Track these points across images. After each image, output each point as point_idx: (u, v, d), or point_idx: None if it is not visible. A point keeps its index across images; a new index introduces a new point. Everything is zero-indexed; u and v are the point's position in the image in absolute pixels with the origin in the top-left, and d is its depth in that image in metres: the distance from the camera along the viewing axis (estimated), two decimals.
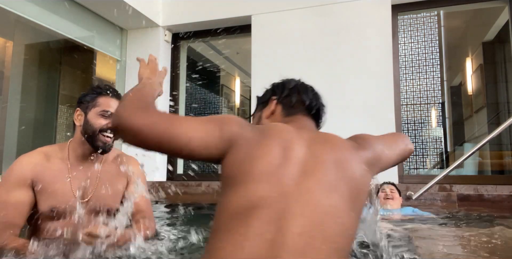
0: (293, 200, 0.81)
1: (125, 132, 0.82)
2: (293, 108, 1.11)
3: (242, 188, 0.81)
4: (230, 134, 0.86)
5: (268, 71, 3.62)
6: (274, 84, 1.23)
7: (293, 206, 0.80)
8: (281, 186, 0.82)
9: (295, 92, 1.14)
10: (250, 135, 0.87)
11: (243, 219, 0.78)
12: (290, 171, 0.84)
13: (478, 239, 1.82)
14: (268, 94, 1.20)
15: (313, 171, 0.86)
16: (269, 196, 0.80)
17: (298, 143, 0.90)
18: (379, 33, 3.36)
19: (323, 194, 0.83)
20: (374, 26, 3.38)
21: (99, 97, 1.47)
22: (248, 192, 0.80)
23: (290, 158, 0.86)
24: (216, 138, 0.85)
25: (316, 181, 0.84)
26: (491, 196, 2.88)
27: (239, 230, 0.77)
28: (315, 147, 0.91)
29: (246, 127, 0.90)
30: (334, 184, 0.86)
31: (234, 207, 0.80)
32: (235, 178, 0.83)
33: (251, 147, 0.85)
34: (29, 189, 1.37)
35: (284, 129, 0.94)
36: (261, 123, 1.14)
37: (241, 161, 0.84)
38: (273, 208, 0.79)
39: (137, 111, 0.83)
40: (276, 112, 1.13)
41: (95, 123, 1.44)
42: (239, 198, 0.80)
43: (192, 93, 5.30)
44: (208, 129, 0.85)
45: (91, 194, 1.46)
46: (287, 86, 1.18)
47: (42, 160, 1.43)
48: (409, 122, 3.89)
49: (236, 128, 0.87)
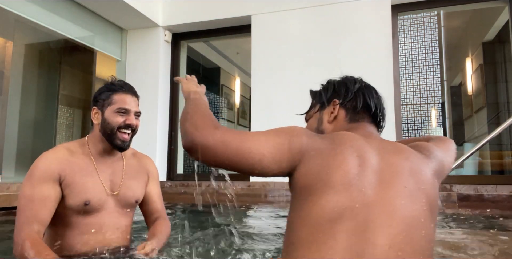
0: (377, 211, 0.78)
1: (201, 150, 0.80)
2: (358, 114, 1.04)
3: (323, 199, 0.78)
4: (300, 146, 0.83)
5: (268, 71, 3.62)
6: (335, 83, 1.11)
7: (378, 217, 0.78)
8: (363, 196, 0.79)
9: (360, 96, 1.05)
10: (320, 145, 0.85)
11: (328, 231, 0.75)
12: (369, 181, 0.81)
13: (479, 239, 1.82)
14: (329, 94, 1.09)
15: (390, 181, 0.83)
16: (353, 206, 0.77)
17: (370, 151, 0.87)
18: (379, 33, 3.36)
19: (405, 205, 0.81)
20: (374, 26, 3.38)
21: (114, 95, 1.47)
22: (330, 203, 0.77)
23: (366, 167, 0.83)
24: (286, 151, 0.82)
25: (396, 192, 0.82)
26: (491, 196, 2.88)
27: (326, 242, 0.75)
28: (387, 156, 0.88)
29: (314, 137, 0.87)
30: (414, 194, 0.83)
31: (316, 219, 0.77)
32: (311, 188, 0.80)
33: (324, 157, 0.83)
34: (55, 183, 1.35)
35: (354, 137, 0.90)
36: (323, 127, 1.07)
37: (317, 172, 0.81)
38: (357, 219, 0.77)
39: (209, 129, 0.82)
40: (339, 117, 1.05)
41: (112, 121, 1.44)
42: (321, 209, 0.77)
43: None
44: (277, 144, 0.82)
45: (120, 187, 1.47)
46: (351, 88, 1.07)
47: (66, 155, 1.42)
48: (409, 122, 3.89)
49: (305, 139, 0.84)
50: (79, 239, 1.37)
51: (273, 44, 3.66)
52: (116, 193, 1.46)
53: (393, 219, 0.79)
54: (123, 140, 1.46)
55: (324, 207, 0.77)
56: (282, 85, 3.53)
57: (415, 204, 0.83)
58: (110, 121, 1.45)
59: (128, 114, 1.47)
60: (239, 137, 0.82)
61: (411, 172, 0.86)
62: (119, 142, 1.45)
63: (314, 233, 0.76)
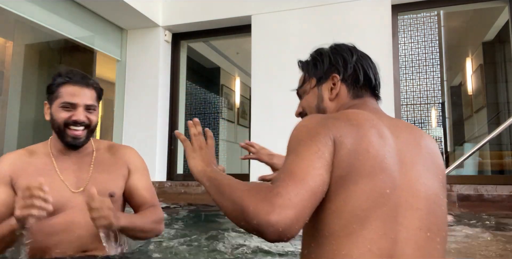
0: (405, 193, 0.78)
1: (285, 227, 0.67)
2: (360, 88, 0.98)
3: (358, 188, 0.75)
4: (331, 148, 0.77)
5: (268, 71, 3.62)
6: (329, 55, 1.02)
7: (406, 200, 0.78)
8: (392, 180, 0.78)
9: (360, 69, 0.98)
10: (343, 130, 0.79)
11: (363, 221, 0.74)
12: (394, 162, 0.80)
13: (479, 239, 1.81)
14: (325, 66, 1.01)
15: (410, 161, 0.83)
16: (384, 192, 0.76)
17: (386, 130, 0.84)
18: (379, 33, 3.36)
19: (427, 184, 0.82)
20: (374, 26, 3.38)
21: (60, 87, 1.32)
22: (364, 192, 0.75)
23: (389, 148, 0.81)
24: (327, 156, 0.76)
25: (417, 171, 0.82)
26: (491, 196, 2.88)
27: (362, 233, 0.73)
28: (402, 134, 0.86)
29: (332, 121, 0.81)
30: (431, 172, 0.84)
31: (351, 210, 0.74)
32: (344, 179, 0.76)
33: (351, 142, 0.78)
34: (7, 187, 1.29)
35: (368, 116, 0.85)
36: (324, 105, 1.00)
37: (347, 160, 0.76)
38: (389, 204, 0.76)
39: (263, 206, 0.68)
40: (341, 94, 0.98)
41: (58, 118, 1.32)
42: (356, 200, 0.74)
43: (192, 93, 5.30)
44: (317, 157, 0.75)
45: (88, 183, 1.36)
46: (350, 60, 0.98)
47: (24, 156, 1.36)
48: (409, 122, 3.89)
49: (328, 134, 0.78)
50: (51, 241, 1.29)
51: (273, 44, 3.66)
52: (81, 189, 1.34)
53: (419, 200, 0.79)
54: (74, 137, 1.33)
55: (359, 197, 0.74)
56: (282, 85, 3.53)
57: (434, 182, 0.84)
58: (56, 118, 1.33)
59: (75, 108, 1.32)
60: (294, 180, 0.71)
61: (425, 148, 0.87)
62: (69, 139, 1.34)
63: (349, 224, 0.74)
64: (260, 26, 3.71)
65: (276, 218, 0.66)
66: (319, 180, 0.73)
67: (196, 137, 1.01)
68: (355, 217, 0.74)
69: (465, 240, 1.79)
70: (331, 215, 0.75)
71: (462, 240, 1.79)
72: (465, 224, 2.26)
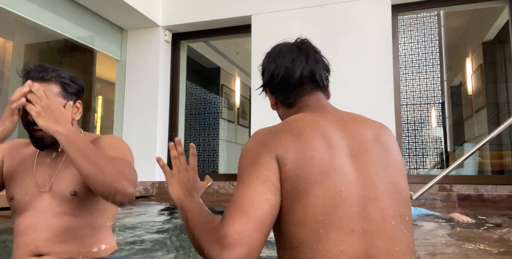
0: (361, 187, 0.80)
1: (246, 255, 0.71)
2: (292, 90, 0.97)
3: (311, 196, 0.76)
4: (276, 167, 0.79)
5: None
6: (261, 65, 1.06)
7: (364, 193, 0.79)
8: (344, 178, 0.79)
9: (276, 73, 0.97)
10: (286, 143, 0.81)
11: (327, 225, 0.75)
12: (342, 159, 0.81)
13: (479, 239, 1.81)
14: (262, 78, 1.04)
15: (360, 153, 0.84)
16: (340, 192, 0.77)
17: (331, 128, 0.85)
18: (379, 33, 3.36)
19: (380, 173, 0.83)
20: (374, 26, 3.39)
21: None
22: (320, 198, 0.76)
23: (335, 146, 0.82)
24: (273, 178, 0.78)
25: (368, 162, 0.83)
26: (491, 196, 2.88)
27: (330, 236, 0.75)
28: (349, 128, 0.87)
29: (274, 136, 0.83)
30: (383, 160, 0.85)
31: (312, 217, 0.76)
32: (296, 190, 0.77)
33: (294, 152, 0.80)
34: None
35: (309, 119, 0.87)
36: (278, 113, 1.08)
37: (295, 171, 0.78)
38: (348, 201, 0.77)
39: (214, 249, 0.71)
40: (279, 102, 1.02)
41: (21, 119, 1.22)
42: (314, 207, 0.76)
43: (192, 93, 5.30)
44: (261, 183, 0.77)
45: (52, 184, 1.25)
46: (268, 68, 1.00)
47: (21, 145, 1.35)
48: (409, 122, 3.89)
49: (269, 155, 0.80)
50: (15, 241, 1.23)
51: (273, 44, 3.64)
52: (45, 189, 1.24)
53: (376, 191, 0.80)
54: (37, 138, 1.22)
55: (316, 204, 0.76)
56: None
57: (388, 169, 0.84)
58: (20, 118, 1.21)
59: None
60: (239, 214, 0.73)
61: (374, 138, 0.88)
62: (33, 140, 1.24)
63: (315, 231, 0.76)
64: (260, 26, 3.72)
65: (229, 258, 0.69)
66: (266, 206, 0.74)
67: (175, 160, 1.02)
68: (318, 222, 0.75)
69: (465, 239, 1.79)
70: (295, 227, 0.77)
71: (462, 240, 1.79)
72: (465, 224, 2.26)
